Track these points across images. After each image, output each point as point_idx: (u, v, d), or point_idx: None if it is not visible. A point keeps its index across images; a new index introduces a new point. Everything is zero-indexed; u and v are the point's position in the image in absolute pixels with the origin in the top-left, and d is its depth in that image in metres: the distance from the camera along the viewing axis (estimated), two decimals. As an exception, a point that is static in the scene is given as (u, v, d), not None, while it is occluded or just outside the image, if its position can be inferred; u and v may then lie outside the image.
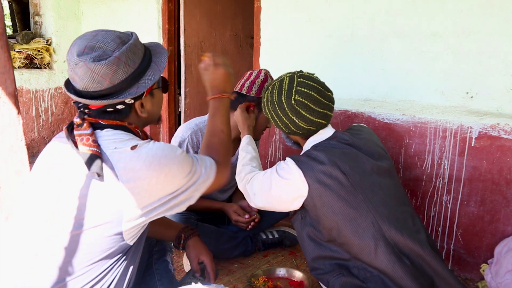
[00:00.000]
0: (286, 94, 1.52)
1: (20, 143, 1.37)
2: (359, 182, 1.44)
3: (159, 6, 3.41)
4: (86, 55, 1.02)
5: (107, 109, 1.08)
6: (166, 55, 1.19)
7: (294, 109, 1.51)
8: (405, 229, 1.43)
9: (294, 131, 1.57)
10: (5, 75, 1.29)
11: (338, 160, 1.44)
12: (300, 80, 1.53)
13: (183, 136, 2.00)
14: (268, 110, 1.61)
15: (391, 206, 1.47)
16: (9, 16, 7.17)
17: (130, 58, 1.06)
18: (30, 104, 3.87)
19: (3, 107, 1.30)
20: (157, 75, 1.13)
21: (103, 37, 1.05)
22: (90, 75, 1.01)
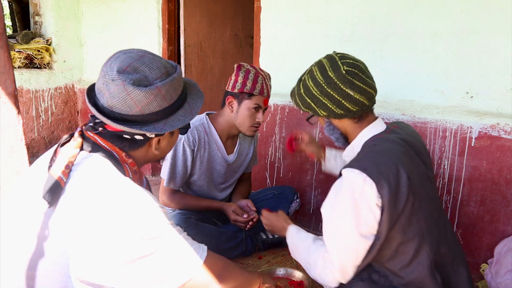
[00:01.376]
0: (333, 69, 1.34)
1: (20, 143, 1.37)
2: (416, 188, 1.26)
3: (159, 6, 3.41)
4: (127, 75, 0.95)
5: (123, 135, 1.01)
6: (203, 100, 1.12)
7: (346, 79, 1.32)
8: (445, 242, 1.34)
9: (348, 108, 1.35)
10: (5, 75, 1.29)
11: (403, 161, 1.26)
12: (340, 55, 1.39)
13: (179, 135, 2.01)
14: (312, 98, 1.39)
15: (435, 217, 1.35)
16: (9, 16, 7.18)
17: (169, 93, 1.00)
18: (30, 104, 3.87)
19: (3, 107, 1.30)
20: (188, 118, 1.06)
21: (149, 61, 0.99)
22: (123, 96, 0.95)
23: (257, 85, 1.94)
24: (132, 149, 1.06)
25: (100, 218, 0.87)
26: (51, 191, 0.90)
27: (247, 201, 2.16)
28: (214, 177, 2.17)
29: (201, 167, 2.10)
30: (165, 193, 2.08)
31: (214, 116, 2.12)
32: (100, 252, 0.87)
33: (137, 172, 1.10)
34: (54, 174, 0.92)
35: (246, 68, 1.95)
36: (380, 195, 1.20)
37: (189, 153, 2.01)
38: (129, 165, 1.06)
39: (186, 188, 2.21)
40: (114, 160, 1.02)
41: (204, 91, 3.75)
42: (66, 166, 0.94)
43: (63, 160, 0.95)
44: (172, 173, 2.04)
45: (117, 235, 0.87)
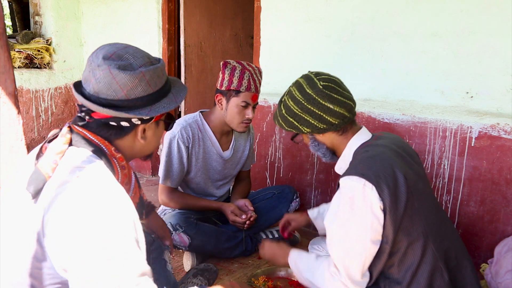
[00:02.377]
0: (310, 86, 1.38)
1: (20, 143, 1.37)
2: (414, 188, 1.28)
3: (159, 6, 3.41)
4: (112, 61, 0.98)
5: (110, 122, 1.03)
6: (186, 91, 1.16)
7: (324, 94, 1.35)
8: (447, 237, 1.35)
9: (330, 122, 1.37)
10: (5, 75, 1.29)
11: (398, 163, 1.28)
12: (315, 73, 1.43)
13: (173, 132, 2.01)
14: (293, 116, 1.42)
15: (435, 214, 1.36)
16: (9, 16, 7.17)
17: (153, 79, 1.03)
18: (30, 104, 3.87)
19: (3, 107, 1.30)
20: (172, 105, 1.09)
21: (133, 51, 1.03)
22: (109, 80, 0.98)
23: (243, 82, 1.93)
24: (118, 137, 1.07)
25: (70, 217, 0.87)
26: (35, 184, 0.92)
27: (245, 200, 2.16)
28: (211, 173, 2.17)
29: (196, 163, 2.10)
30: (163, 192, 2.09)
31: (207, 114, 2.13)
32: (63, 248, 0.86)
33: (125, 167, 1.10)
34: (41, 169, 0.94)
35: (232, 65, 1.95)
36: (381, 198, 1.20)
37: (184, 149, 2.02)
38: (117, 160, 1.07)
39: (184, 186, 2.21)
40: (103, 155, 1.02)
41: (204, 91, 3.75)
42: (53, 162, 0.95)
43: (51, 155, 0.96)
44: (167, 171, 2.04)
45: (82, 238, 0.85)
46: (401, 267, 1.29)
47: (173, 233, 1.98)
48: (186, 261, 2.04)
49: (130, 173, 1.14)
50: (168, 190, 2.08)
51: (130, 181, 1.14)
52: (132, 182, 1.16)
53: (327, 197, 2.48)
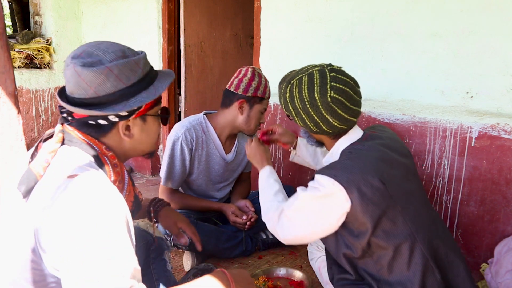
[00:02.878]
0: (320, 91, 1.34)
1: (20, 143, 1.37)
2: (396, 191, 1.30)
3: (159, 6, 3.41)
4: (79, 59, 0.98)
5: (88, 121, 1.02)
6: (170, 81, 1.11)
7: (329, 107, 1.34)
8: (437, 236, 1.35)
9: (325, 130, 1.40)
10: (5, 75, 1.29)
11: (377, 168, 1.30)
12: (332, 75, 1.35)
13: (176, 134, 2.01)
14: (293, 107, 1.41)
15: (423, 214, 1.37)
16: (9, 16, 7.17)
17: (124, 74, 1.00)
18: (30, 104, 3.87)
19: (3, 107, 1.30)
20: (150, 98, 1.05)
21: (105, 47, 1.01)
22: (75, 79, 0.97)
23: (267, 90, 2.02)
24: (101, 135, 1.05)
25: (64, 218, 0.85)
26: (26, 183, 0.91)
27: (246, 201, 2.16)
28: (213, 176, 2.17)
29: (199, 166, 2.10)
30: (164, 193, 2.09)
31: (213, 116, 2.12)
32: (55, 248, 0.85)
33: (118, 165, 1.08)
34: (33, 168, 0.93)
35: (257, 72, 2.00)
36: (350, 199, 1.25)
37: (187, 152, 2.02)
38: (109, 158, 1.05)
39: (185, 187, 2.21)
40: (94, 154, 1.02)
41: (204, 91, 3.75)
42: (45, 161, 0.94)
43: (43, 155, 0.96)
44: (169, 173, 2.04)
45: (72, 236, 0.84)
46: (391, 269, 1.31)
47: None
48: (186, 261, 2.04)
49: (123, 172, 1.12)
50: (169, 191, 2.08)
51: (123, 179, 1.12)
52: (125, 181, 1.13)
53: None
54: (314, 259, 1.83)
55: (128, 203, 1.10)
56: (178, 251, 2.15)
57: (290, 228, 1.39)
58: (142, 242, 1.45)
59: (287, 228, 1.39)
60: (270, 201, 1.54)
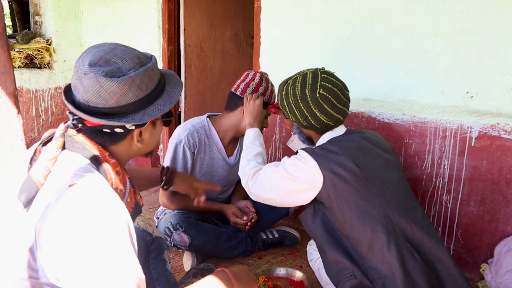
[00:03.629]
0: (311, 88, 1.54)
1: (20, 143, 1.37)
2: (372, 175, 1.45)
3: (159, 6, 3.41)
4: (98, 67, 0.94)
5: (103, 129, 0.99)
6: (181, 88, 1.11)
7: (317, 102, 1.53)
8: (415, 222, 1.45)
9: (313, 124, 1.59)
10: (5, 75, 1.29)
11: (353, 153, 1.47)
12: (323, 76, 1.56)
13: (179, 137, 2.01)
14: (287, 103, 1.61)
15: (401, 200, 1.49)
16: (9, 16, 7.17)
17: (144, 82, 0.98)
18: (30, 104, 3.87)
19: (3, 107, 1.30)
20: (167, 107, 1.05)
21: (121, 53, 0.97)
22: (97, 89, 0.94)
23: (273, 95, 2.03)
24: (113, 143, 1.04)
25: (64, 225, 0.83)
26: (27, 192, 0.89)
27: (246, 202, 2.16)
28: (215, 179, 2.16)
29: (201, 169, 2.10)
30: (164, 195, 2.08)
31: (216, 119, 2.11)
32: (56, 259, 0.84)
33: (120, 173, 1.06)
34: (33, 176, 0.91)
35: (265, 77, 2.01)
36: (322, 174, 1.44)
37: (189, 155, 2.01)
38: (111, 166, 1.03)
39: (186, 188, 2.21)
40: (96, 161, 0.99)
41: (204, 91, 3.75)
42: (46, 169, 0.92)
43: (44, 162, 0.93)
44: None
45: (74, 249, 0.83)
46: (372, 251, 1.43)
47: (173, 232, 1.98)
48: (186, 261, 2.04)
49: (125, 179, 1.11)
50: (170, 193, 2.08)
51: (125, 187, 1.11)
52: (127, 188, 1.13)
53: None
54: (314, 260, 1.83)
55: (128, 209, 1.10)
56: (178, 251, 2.15)
57: (264, 184, 1.56)
58: (141, 242, 1.45)
59: (260, 184, 1.57)
60: (249, 160, 1.71)
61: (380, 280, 1.41)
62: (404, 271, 1.38)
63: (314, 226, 1.57)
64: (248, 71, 2.03)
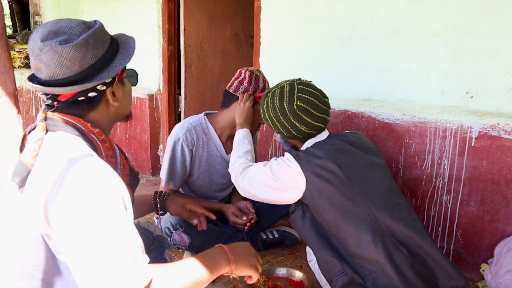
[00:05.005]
0: (288, 100, 1.59)
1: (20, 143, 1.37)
2: (354, 175, 1.50)
3: (159, 6, 3.41)
4: (51, 40, 0.96)
5: (78, 98, 1.02)
6: (134, 40, 1.15)
7: (296, 114, 1.58)
8: (401, 218, 1.49)
9: (295, 135, 1.64)
10: (5, 75, 1.29)
11: (334, 155, 1.52)
12: (300, 87, 1.60)
13: (177, 135, 2.01)
14: (269, 116, 1.67)
15: (385, 197, 1.53)
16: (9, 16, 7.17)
17: (98, 42, 1.01)
18: (30, 104, 3.87)
19: (3, 107, 1.30)
20: (127, 58, 1.09)
21: (66, 23, 1.00)
22: (57, 59, 0.96)
23: (265, 90, 2.00)
24: (91, 109, 1.06)
25: (59, 198, 0.87)
26: (20, 174, 0.93)
27: (246, 202, 2.16)
28: (214, 176, 2.17)
29: (199, 167, 2.10)
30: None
31: (213, 116, 2.12)
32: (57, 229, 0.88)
33: (106, 140, 1.09)
34: (23, 159, 0.94)
35: (256, 74, 2.00)
36: (304, 176, 1.49)
37: (187, 153, 2.01)
38: (96, 135, 1.06)
39: (186, 188, 2.21)
40: (81, 134, 1.02)
41: (204, 91, 3.75)
42: (33, 150, 0.95)
43: (31, 145, 0.96)
44: (170, 173, 2.04)
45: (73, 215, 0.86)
46: (359, 249, 1.46)
47: (173, 232, 1.98)
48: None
49: (113, 146, 1.13)
50: (170, 192, 2.08)
51: (114, 154, 1.13)
52: (117, 155, 1.14)
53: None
54: (313, 261, 1.83)
55: (124, 177, 1.12)
56: (178, 251, 2.15)
57: (251, 181, 1.63)
58: (142, 241, 1.45)
59: (248, 180, 1.64)
60: (239, 156, 1.78)
61: (371, 276, 1.46)
62: (393, 266, 1.42)
63: (303, 227, 1.62)
64: (241, 68, 2.04)
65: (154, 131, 3.65)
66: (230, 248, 1.12)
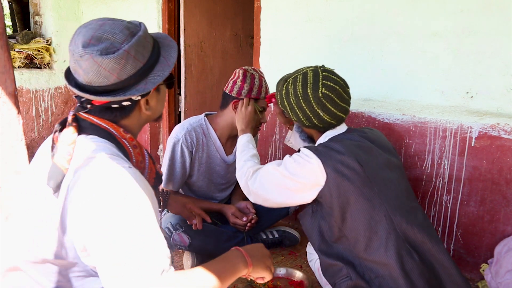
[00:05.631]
0: (312, 87, 1.50)
1: (20, 143, 1.37)
2: (374, 175, 1.43)
3: (159, 6, 3.41)
4: (92, 47, 0.94)
5: (111, 105, 1.02)
6: (176, 49, 1.11)
7: (320, 102, 1.50)
8: (416, 223, 1.43)
9: (315, 124, 1.55)
10: (5, 75, 1.29)
11: (355, 151, 1.44)
12: (324, 74, 1.52)
13: (177, 136, 2.01)
14: (288, 103, 1.57)
15: (402, 200, 1.47)
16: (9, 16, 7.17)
17: (139, 52, 0.99)
18: (30, 104, 3.87)
19: (3, 107, 1.30)
20: (166, 70, 1.06)
21: (110, 27, 0.97)
22: (96, 69, 0.95)
23: (262, 90, 2.00)
24: (124, 116, 1.07)
25: (95, 207, 0.88)
26: (55, 179, 0.92)
27: (247, 202, 2.16)
28: (214, 177, 2.17)
29: (199, 168, 2.10)
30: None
31: (213, 117, 2.11)
32: (88, 235, 0.88)
33: (137, 146, 1.10)
34: (58, 163, 0.94)
35: (250, 73, 1.98)
36: (325, 172, 1.41)
37: (187, 154, 2.01)
38: (128, 141, 1.07)
39: (186, 189, 2.20)
40: (113, 139, 1.02)
41: (204, 91, 3.75)
42: (68, 154, 0.95)
43: (64, 147, 0.96)
44: (170, 175, 2.04)
45: (106, 223, 0.87)
46: (369, 251, 1.41)
47: (173, 232, 1.98)
48: (186, 261, 2.04)
49: (143, 151, 1.14)
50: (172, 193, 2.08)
51: (144, 159, 1.15)
52: (146, 160, 1.16)
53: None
54: (313, 260, 1.83)
55: (150, 180, 1.15)
56: (178, 251, 2.15)
57: (264, 183, 1.53)
58: None
59: (260, 182, 1.54)
60: (246, 160, 1.70)
61: (377, 280, 1.40)
62: (402, 271, 1.36)
63: (311, 227, 1.56)
64: (237, 69, 2.03)
65: (154, 131, 3.65)
66: (246, 251, 1.11)
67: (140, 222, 0.87)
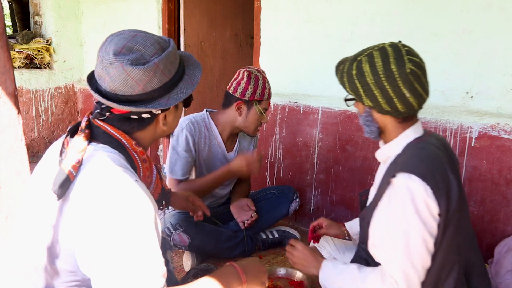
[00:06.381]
0: (397, 63, 1.22)
1: (20, 143, 1.37)
2: (455, 211, 1.20)
3: (159, 6, 3.41)
4: (123, 56, 0.95)
5: (131, 116, 1.02)
6: (200, 69, 1.12)
7: (407, 79, 1.22)
8: (474, 253, 1.31)
9: (397, 108, 1.25)
10: (5, 75, 1.29)
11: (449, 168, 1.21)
12: (407, 49, 1.27)
13: (181, 125, 2.00)
14: (362, 84, 1.27)
15: (467, 226, 1.31)
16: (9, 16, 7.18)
17: (167, 67, 1.00)
18: (30, 104, 3.87)
19: (3, 107, 1.30)
20: (189, 89, 1.07)
21: (142, 39, 0.99)
22: (124, 78, 0.95)
23: (265, 91, 2.00)
24: (141, 129, 1.06)
25: (97, 218, 0.87)
26: (61, 185, 0.91)
27: (247, 200, 2.16)
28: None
29: (199, 163, 2.09)
30: (171, 185, 2.05)
31: (215, 114, 2.12)
32: (88, 247, 0.88)
33: (146, 160, 1.10)
34: (65, 169, 0.93)
35: (255, 75, 1.98)
36: (438, 204, 1.15)
37: (191, 141, 2.00)
38: (138, 154, 1.07)
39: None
40: (123, 150, 1.02)
41: (204, 91, 3.75)
42: (76, 161, 0.94)
43: (73, 154, 0.95)
44: (176, 163, 2.01)
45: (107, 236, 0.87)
46: (430, 279, 1.21)
47: (173, 232, 1.98)
48: (186, 261, 2.04)
49: (152, 166, 1.14)
50: (176, 182, 2.03)
51: (151, 174, 1.15)
52: (153, 175, 1.16)
53: (327, 197, 2.48)
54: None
55: (155, 195, 1.15)
56: (178, 251, 2.15)
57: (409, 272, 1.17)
58: None
59: (399, 278, 1.18)
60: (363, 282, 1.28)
61: None
62: None
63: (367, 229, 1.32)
64: (240, 69, 2.03)
65: (154, 131, 3.65)
66: (241, 267, 1.10)
67: (140, 239, 0.87)
